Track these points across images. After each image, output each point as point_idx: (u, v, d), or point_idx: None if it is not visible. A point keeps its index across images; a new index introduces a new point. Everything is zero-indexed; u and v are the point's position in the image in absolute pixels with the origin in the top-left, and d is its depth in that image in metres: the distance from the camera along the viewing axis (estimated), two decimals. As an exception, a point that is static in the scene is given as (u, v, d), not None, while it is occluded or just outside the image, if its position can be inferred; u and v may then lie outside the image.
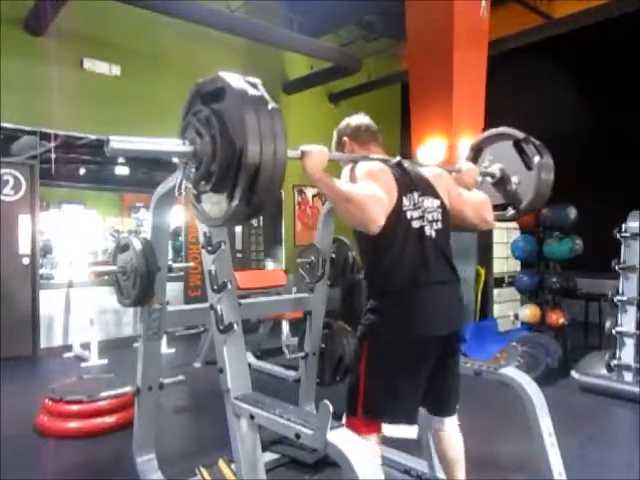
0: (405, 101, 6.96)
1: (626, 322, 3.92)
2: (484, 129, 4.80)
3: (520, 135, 2.13)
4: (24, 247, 5.20)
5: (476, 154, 2.28)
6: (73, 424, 3.10)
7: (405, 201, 1.69)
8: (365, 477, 1.23)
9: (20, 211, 5.19)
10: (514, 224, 5.82)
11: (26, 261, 5.21)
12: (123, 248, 2.20)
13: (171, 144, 1.30)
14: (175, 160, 1.51)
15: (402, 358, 1.65)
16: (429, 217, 1.74)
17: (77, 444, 3.01)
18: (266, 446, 2.60)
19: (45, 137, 5.57)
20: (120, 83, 5.88)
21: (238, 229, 6.89)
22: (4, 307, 4.96)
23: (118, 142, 1.18)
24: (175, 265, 2.51)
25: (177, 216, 6.38)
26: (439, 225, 1.76)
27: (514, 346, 4.34)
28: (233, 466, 2.22)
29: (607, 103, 6.27)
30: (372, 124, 2.01)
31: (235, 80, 1.25)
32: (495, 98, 5.05)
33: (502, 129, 2.25)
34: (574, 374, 4.10)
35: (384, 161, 1.78)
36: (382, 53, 7.71)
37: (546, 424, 1.90)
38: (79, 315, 5.40)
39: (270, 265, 7.33)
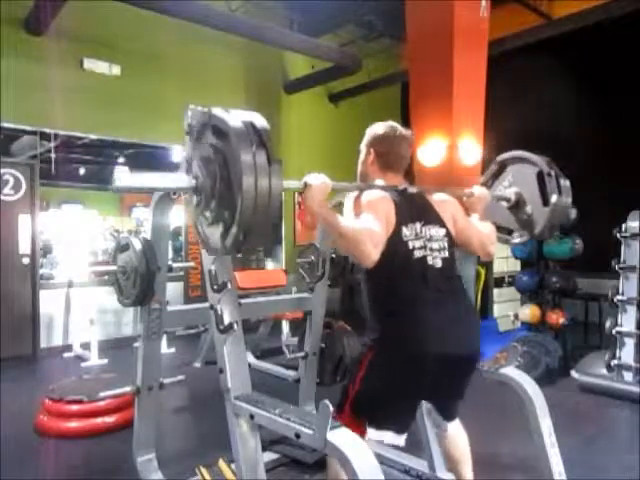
0: (405, 101, 6.96)
1: (626, 322, 3.92)
2: (484, 129, 4.84)
3: (545, 168, 2.05)
4: (24, 247, 5.20)
5: (500, 169, 2.22)
6: (73, 424, 3.11)
7: (405, 231, 1.68)
8: (365, 477, 1.23)
9: (20, 211, 5.18)
10: (514, 224, 5.80)
11: (26, 261, 5.21)
12: (123, 248, 2.20)
13: (175, 179, 1.33)
14: (178, 160, 1.53)
15: (403, 375, 1.64)
16: (434, 246, 1.73)
17: (77, 444, 3.01)
18: (266, 446, 2.60)
19: (45, 137, 5.58)
20: (120, 83, 5.88)
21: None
22: (4, 307, 4.96)
23: (122, 180, 1.20)
24: (175, 265, 2.51)
25: (177, 216, 6.38)
26: (445, 253, 1.75)
27: (514, 346, 4.34)
28: (233, 466, 2.22)
29: (607, 103, 6.27)
30: (405, 151, 1.89)
31: (235, 120, 1.25)
32: (495, 98, 5.04)
33: (530, 155, 2.16)
34: (574, 374, 4.10)
35: (390, 188, 1.76)
36: (382, 53, 7.71)
37: (546, 424, 1.90)
38: (79, 315, 5.40)
39: (270, 265, 7.33)
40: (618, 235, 3.96)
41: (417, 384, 1.69)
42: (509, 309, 5.40)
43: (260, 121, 1.29)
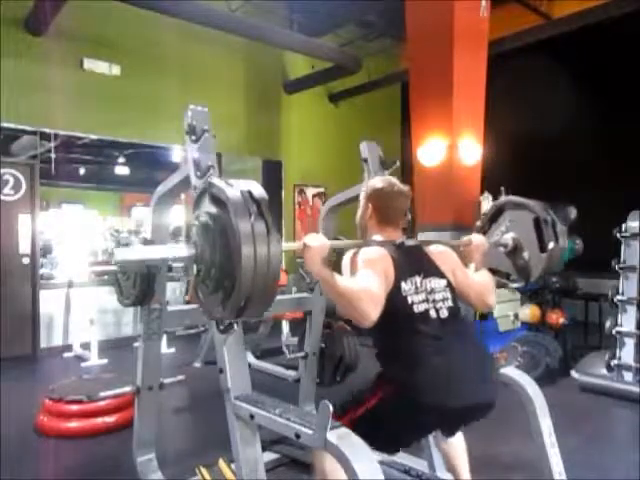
0: (405, 101, 6.96)
1: (626, 322, 3.92)
2: (484, 129, 4.84)
3: (542, 214, 2.05)
4: (24, 247, 5.20)
5: (496, 214, 2.23)
6: (73, 424, 3.11)
7: (404, 286, 1.67)
8: (365, 477, 1.23)
9: (20, 211, 5.19)
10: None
11: (26, 261, 5.21)
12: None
13: (175, 249, 1.33)
14: (178, 160, 1.53)
15: (411, 422, 1.62)
16: (437, 297, 1.72)
17: (77, 444, 3.01)
18: (266, 446, 2.60)
19: (45, 137, 5.58)
20: (120, 83, 5.88)
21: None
22: (4, 307, 4.96)
23: (122, 253, 1.20)
24: (175, 265, 2.51)
25: (177, 216, 6.38)
26: (449, 303, 1.73)
27: (514, 346, 4.36)
28: (233, 466, 2.22)
29: (607, 103, 6.27)
30: (403, 206, 1.90)
31: (233, 190, 1.26)
32: (495, 98, 5.05)
33: (527, 201, 2.15)
34: (574, 374, 4.10)
35: (387, 243, 1.76)
36: (382, 53, 7.71)
37: (546, 424, 1.90)
38: (79, 315, 5.40)
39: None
40: (618, 235, 3.95)
41: (424, 430, 1.72)
42: (509, 309, 5.40)
43: (258, 190, 1.29)
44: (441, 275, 1.79)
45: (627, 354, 3.88)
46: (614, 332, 3.96)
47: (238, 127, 6.80)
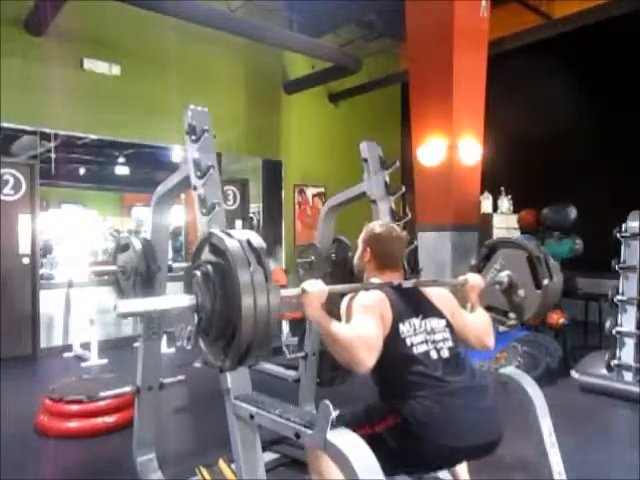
0: (405, 101, 6.96)
1: (626, 322, 3.92)
2: (484, 129, 4.84)
3: (534, 252, 2.06)
4: (24, 247, 5.20)
5: (490, 253, 2.23)
6: (73, 424, 3.11)
7: (403, 328, 1.67)
8: (365, 477, 1.23)
9: (20, 211, 5.19)
10: (514, 224, 5.82)
11: (26, 261, 5.21)
12: (123, 248, 2.20)
13: (176, 300, 1.33)
14: (178, 160, 1.53)
15: (413, 459, 1.61)
16: (437, 337, 1.72)
17: (77, 444, 3.01)
18: (266, 446, 2.60)
19: (45, 137, 5.58)
20: (120, 83, 5.88)
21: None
22: (4, 307, 4.96)
23: (126, 306, 1.22)
24: (175, 265, 2.51)
25: (177, 216, 6.39)
26: (450, 343, 1.73)
27: (514, 346, 4.35)
28: (233, 466, 2.22)
29: (607, 103, 6.27)
30: (400, 252, 1.93)
31: (232, 240, 1.27)
32: (495, 98, 5.05)
33: (520, 240, 2.17)
34: (574, 374, 4.10)
35: (384, 285, 1.75)
36: (382, 53, 7.71)
37: (546, 424, 1.90)
38: (79, 315, 5.40)
39: (270, 265, 7.32)
40: (618, 235, 3.95)
41: (426, 467, 1.72)
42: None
43: (257, 240, 1.31)
44: (440, 315, 1.79)
45: (627, 354, 3.88)
46: (614, 332, 3.96)
47: (238, 127, 6.80)
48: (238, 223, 6.88)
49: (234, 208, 6.80)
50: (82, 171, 7.64)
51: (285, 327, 5.05)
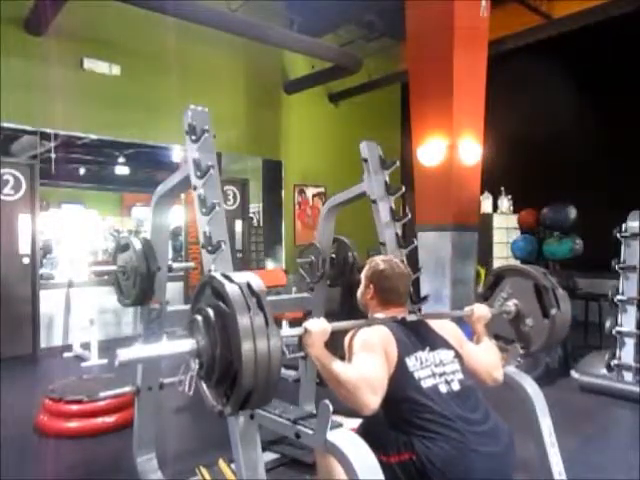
0: (405, 101, 6.96)
1: (626, 322, 3.91)
2: (484, 129, 4.84)
3: (541, 282, 2.02)
4: (24, 247, 5.20)
5: (497, 280, 2.20)
6: (73, 424, 3.10)
7: (409, 362, 1.63)
8: (365, 477, 1.23)
9: (20, 211, 5.18)
10: (514, 224, 5.83)
11: (26, 261, 5.21)
12: (123, 248, 2.20)
13: (177, 345, 1.32)
14: (178, 160, 1.52)
15: None
16: (447, 369, 1.67)
17: (77, 444, 3.01)
18: (266, 446, 2.60)
19: (45, 137, 5.58)
20: (120, 83, 5.88)
21: (238, 229, 6.90)
22: (4, 307, 4.96)
23: (126, 354, 1.22)
24: (175, 265, 2.51)
25: (177, 216, 6.38)
26: (460, 375, 1.69)
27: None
28: (233, 466, 2.22)
29: (607, 103, 6.27)
30: (404, 287, 1.89)
31: (232, 285, 1.27)
32: (495, 98, 5.05)
33: (528, 268, 2.12)
34: (574, 374, 4.10)
35: (388, 320, 1.73)
36: (382, 53, 7.71)
37: (546, 424, 1.91)
38: (79, 315, 5.40)
39: (270, 265, 7.33)
40: (618, 235, 3.95)
41: None
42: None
43: (257, 283, 1.30)
44: (448, 346, 1.75)
45: (627, 354, 3.88)
46: (614, 332, 3.95)
47: (238, 127, 6.80)
48: (238, 223, 6.89)
49: (234, 208, 6.80)
50: (82, 171, 7.65)
51: (285, 327, 5.04)
